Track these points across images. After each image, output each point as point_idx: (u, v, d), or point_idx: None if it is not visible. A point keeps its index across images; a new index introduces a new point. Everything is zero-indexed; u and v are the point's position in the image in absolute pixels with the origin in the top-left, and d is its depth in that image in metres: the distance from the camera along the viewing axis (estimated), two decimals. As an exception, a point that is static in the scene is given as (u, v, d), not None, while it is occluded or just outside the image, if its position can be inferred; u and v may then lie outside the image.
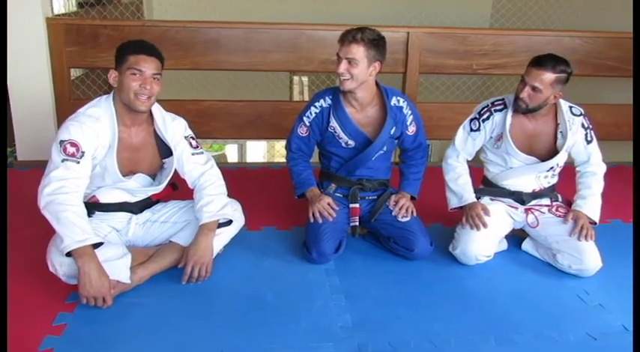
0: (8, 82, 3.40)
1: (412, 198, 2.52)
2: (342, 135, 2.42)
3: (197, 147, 2.28)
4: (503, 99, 2.41)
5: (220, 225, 2.23)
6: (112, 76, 2.08)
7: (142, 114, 2.13)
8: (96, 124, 2.05)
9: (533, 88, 2.22)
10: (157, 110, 2.21)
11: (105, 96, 2.13)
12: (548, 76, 2.20)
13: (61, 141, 2.00)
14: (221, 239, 2.26)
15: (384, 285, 2.26)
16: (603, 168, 2.46)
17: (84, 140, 2.02)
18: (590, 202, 2.40)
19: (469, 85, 5.63)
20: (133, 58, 2.02)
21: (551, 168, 2.42)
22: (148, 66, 2.03)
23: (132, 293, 2.08)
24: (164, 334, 1.90)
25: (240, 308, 2.06)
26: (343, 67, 2.25)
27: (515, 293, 2.23)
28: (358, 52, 2.23)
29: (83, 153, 2.02)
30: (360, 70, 2.25)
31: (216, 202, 2.21)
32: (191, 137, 2.28)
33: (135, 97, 2.03)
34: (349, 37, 2.24)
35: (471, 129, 2.44)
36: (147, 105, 2.07)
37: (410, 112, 2.45)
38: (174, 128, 2.23)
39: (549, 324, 2.03)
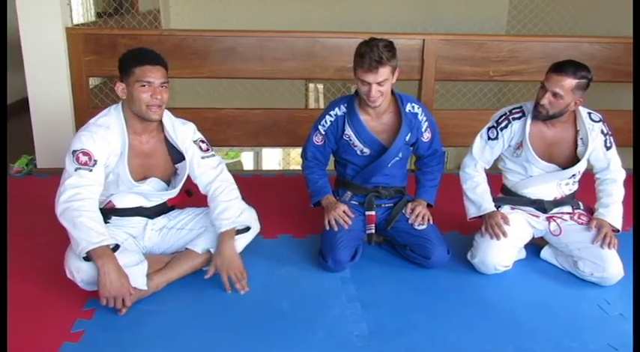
0: (28, 91, 3.46)
1: (429, 206, 2.50)
2: (357, 143, 2.42)
3: (207, 150, 2.29)
4: (521, 107, 2.38)
5: (238, 232, 2.23)
6: (120, 89, 2.09)
7: (153, 122, 2.16)
8: (106, 133, 2.09)
9: (554, 94, 2.20)
10: (167, 116, 2.22)
11: (114, 106, 2.16)
12: (569, 81, 2.18)
13: (74, 151, 2.05)
14: (236, 246, 2.26)
15: (400, 294, 2.24)
16: (623, 174, 2.42)
17: (96, 149, 2.05)
18: (613, 210, 2.37)
19: (485, 91, 5.60)
20: (139, 70, 2.03)
21: (573, 175, 2.39)
22: (155, 76, 2.05)
23: (148, 300, 2.09)
24: (180, 341, 1.90)
25: (256, 317, 2.05)
26: (376, 90, 2.23)
27: (535, 302, 2.20)
28: (385, 72, 2.22)
29: (95, 161, 2.05)
30: (388, 86, 2.27)
31: (232, 209, 2.22)
32: (200, 140, 2.29)
33: (147, 108, 2.07)
34: (373, 63, 2.18)
35: (489, 138, 2.42)
36: (159, 114, 2.11)
37: (425, 119, 2.44)
38: (184, 132, 2.25)
39: (569, 334, 2.00)
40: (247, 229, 2.27)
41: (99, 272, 1.94)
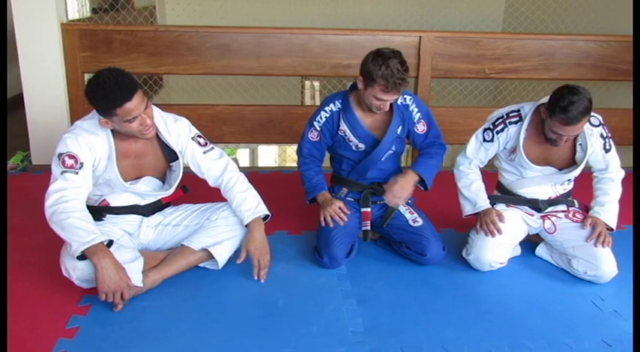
0: (23, 87, 3.44)
1: (423, 189, 2.45)
2: (352, 138, 2.42)
3: (206, 144, 2.29)
4: (519, 110, 2.34)
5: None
6: (104, 122, 2.02)
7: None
8: (91, 137, 2.05)
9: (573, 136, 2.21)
10: (158, 115, 2.19)
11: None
12: (582, 123, 2.13)
13: (60, 154, 2.03)
14: (232, 243, 2.27)
15: (395, 290, 2.24)
16: (622, 174, 2.41)
17: (81, 151, 2.03)
18: (608, 209, 2.37)
19: (482, 89, 5.60)
20: (121, 110, 1.94)
21: (568, 179, 2.39)
22: (138, 108, 1.97)
23: (144, 296, 2.09)
24: (176, 337, 1.90)
25: (252, 313, 2.06)
26: (387, 105, 2.28)
27: (529, 299, 2.21)
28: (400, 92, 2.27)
29: (82, 164, 2.03)
30: None
31: (250, 198, 2.26)
32: (197, 136, 2.28)
33: (140, 133, 2.05)
34: (395, 88, 2.20)
35: (484, 140, 2.41)
36: (153, 132, 2.10)
37: (417, 110, 2.43)
38: (177, 130, 2.22)
39: (564, 331, 2.01)
40: (267, 217, 2.30)
41: (96, 269, 1.93)
